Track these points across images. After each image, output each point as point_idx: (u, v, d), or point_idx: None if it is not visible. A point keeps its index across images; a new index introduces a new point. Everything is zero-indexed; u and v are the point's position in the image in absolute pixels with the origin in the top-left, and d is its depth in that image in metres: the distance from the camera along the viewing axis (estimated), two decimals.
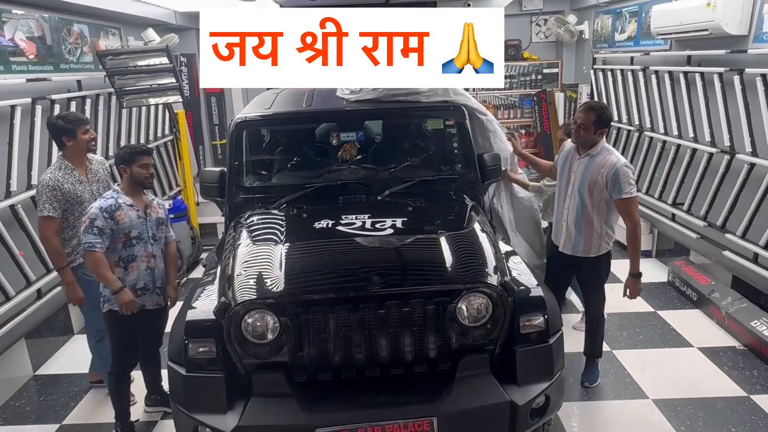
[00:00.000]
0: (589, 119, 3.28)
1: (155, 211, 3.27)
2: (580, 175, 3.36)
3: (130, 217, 3.11)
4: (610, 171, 3.24)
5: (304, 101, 4.08)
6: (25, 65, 4.37)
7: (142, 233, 3.16)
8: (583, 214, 3.38)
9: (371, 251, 2.86)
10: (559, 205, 3.54)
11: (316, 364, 2.59)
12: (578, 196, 3.37)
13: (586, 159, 3.35)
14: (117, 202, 3.09)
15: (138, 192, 3.20)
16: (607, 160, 3.28)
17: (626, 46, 6.37)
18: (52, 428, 3.55)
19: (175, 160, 6.96)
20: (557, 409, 2.74)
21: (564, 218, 3.48)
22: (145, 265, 3.19)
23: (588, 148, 3.35)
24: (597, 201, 3.33)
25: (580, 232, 3.40)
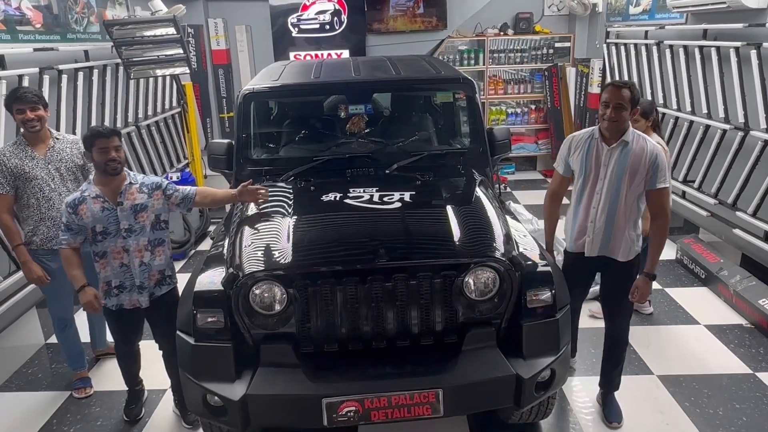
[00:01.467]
0: (626, 97, 2.80)
1: (131, 197, 2.90)
2: (616, 167, 2.89)
3: (92, 211, 2.85)
4: (651, 158, 2.83)
5: (312, 73, 4.04)
6: (32, 34, 4.35)
7: (108, 227, 2.87)
8: (617, 212, 2.94)
9: (379, 224, 2.86)
10: (581, 205, 3.05)
11: (323, 336, 2.61)
12: (613, 191, 2.92)
13: (620, 148, 2.89)
14: (82, 195, 2.87)
15: (108, 180, 2.88)
16: (645, 146, 2.86)
17: (641, 19, 6.24)
18: (64, 395, 3.62)
19: (183, 133, 6.95)
20: (562, 383, 2.75)
21: (591, 219, 3.00)
22: (119, 261, 2.92)
23: (619, 135, 2.88)
24: (633, 195, 2.92)
25: (611, 232, 2.97)
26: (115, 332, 3.16)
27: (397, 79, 3.92)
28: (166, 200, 3.00)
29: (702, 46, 4.99)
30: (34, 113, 3.19)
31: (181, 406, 3.26)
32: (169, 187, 3.02)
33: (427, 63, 4.32)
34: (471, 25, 8.18)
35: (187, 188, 3.08)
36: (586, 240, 3.04)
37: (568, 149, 3.09)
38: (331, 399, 2.42)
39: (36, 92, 3.27)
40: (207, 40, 8.08)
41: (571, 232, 3.13)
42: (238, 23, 8.00)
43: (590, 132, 3.02)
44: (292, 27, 8.06)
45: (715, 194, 4.85)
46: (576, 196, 3.09)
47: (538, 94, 8.38)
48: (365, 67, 4.22)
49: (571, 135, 3.14)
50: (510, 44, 8.24)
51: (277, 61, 6.03)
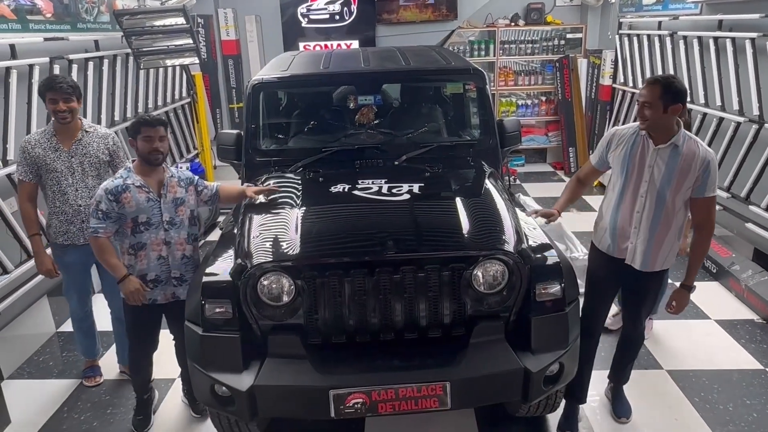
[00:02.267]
0: (653, 94, 2.57)
1: (173, 190, 2.90)
2: (663, 171, 2.66)
3: (137, 201, 2.79)
4: (702, 163, 2.60)
5: (322, 64, 4.02)
6: (43, 24, 4.36)
7: (151, 218, 2.84)
8: (661, 219, 2.72)
9: (387, 216, 2.84)
10: (622, 207, 2.81)
11: (330, 327, 2.61)
12: (658, 196, 2.69)
13: (669, 149, 2.64)
14: (124, 182, 2.80)
15: (150, 170, 2.86)
16: (697, 150, 2.63)
17: (654, 10, 6.15)
18: (75, 383, 3.65)
19: (193, 123, 6.96)
20: (571, 377, 2.73)
21: (635, 225, 2.78)
22: (157, 254, 2.88)
23: (666, 135, 2.64)
24: (679, 202, 2.70)
25: (653, 240, 2.76)
26: (136, 329, 3.05)
27: (407, 70, 3.89)
28: (197, 196, 3.01)
29: (717, 37, 4.92)
30: (67, 105, 3.10)
31: (190, 396, 3.27)
32: (200, 184, 3.03)
33: (437, 54, 4.29)
34: (482, 15, 8.11)
35: (212, 186, 3.09)
36: (629, 246, 2.82)
37: (609, 144, 2.87)
38: (338, 390, 2.42)
39: (71, 83, 3.18)
40: (217, 30, 8.07)
41: (610, 235, 2.88)
42: (248, 13, 7.98)
43: (635, 128, 2.77)
44: (302, 17, 8.03)
45: (727, 188, 4.79)
46: (616, 197, 2.84)
47: (549, 85, 8.30)
48: (375, 57, 4.19)
49: (615, 129, 2.91)
50: (521, 35, 8.16)
51: (287, 52, 6.01)
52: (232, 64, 8.21)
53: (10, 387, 3.60)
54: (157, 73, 6.25)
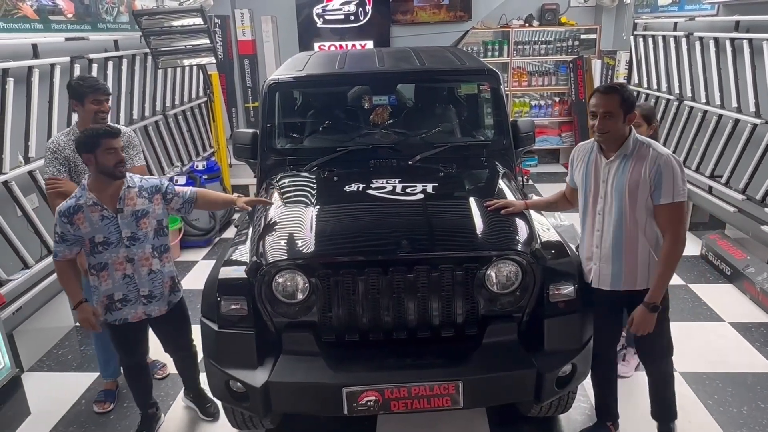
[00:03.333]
0: (613, 103, 2.44)
1: (131, 203, 2.69)
2: (614, 182, 2.52)
3: (90, 221, 2.62)
4: (652, 167, 2.44)
5: (337, 64, 4.05)
6: (64, 24, 4.44)
7: (109, 237, 2.65)
8: (623, 235, 2.54)
9: (401, 215, 2.86)
10: (587, 229, 2.70)
11: (344, 325, 2.63)
12: (615, 210, 2.54)
13: (617, 161, 2.52)
14: (77, 203, 2.63)
15: (106, 185, 2.66)
16: (648, 153, 2.46)
17: (670, 10, 6.12)
18: (92, 376, 3.72)
19: (209, 122, 7.03)
20: (583, 378, 2.74)
21: (596, 245, 2.64)
22: (121, 273, 2.71)
23: (617, 146, 2.52)
24: (642, 214, 2.50)
25: (621, 259, 2.57)
26: (120, 347, 2.97)
27: (422, 70, 3.91)
28: (166, 205, 2.83)
29: (733, 39, 4.88)
30: (108, 105, 3.09)
31: (197, 399, 3.27)
32: (169, 191, 2.84)
33: (451, 54, 4.30)
34: (496, 16, 8.10)
35: (186, 191, 2.91)
36: (592, 268, 2.68)
37: (572, 161, 2.79)
38: (351, 388, 2.44)
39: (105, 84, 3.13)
40: (233, 30, 8.13)
41: (582, 258, 2.78)
42: (264, 14, 8.04)
43: (592, 143, 2.67)
44: (317, 17, 8.07)
45: (743, 190, 4.75)
46: (581, 217, 2.75)
47: (563, 86, 8.27)
48: (389, 57, 4.22)
49: (578, 145, 2.81)
50: (535, 36, 8.14)
51: (302, 52, 6.06)
52: (248, 63, 8.28)
53: (30, 379, 3.68)
54: (174, 72, 6.32)
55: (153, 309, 2.84)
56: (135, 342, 2.96)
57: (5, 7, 3.84)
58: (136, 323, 2.85)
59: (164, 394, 3.50)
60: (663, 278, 2.51)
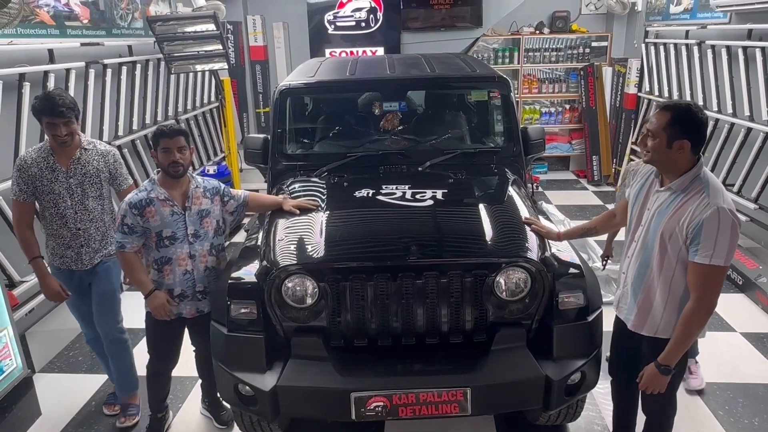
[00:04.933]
0: (659, 123, 2.10)
1: (198, 202, 2.81)
2: (656, 216, 2.22)
3: (161, 215, 2.71)
4: (692, 217, 2.07)
5: (348, 70, 4.08)
6: (79, 29, 4.50)
7: (176, 232, 2.76)
8: (646, 273, 2.28)
9: (411, 221, 2.87)
10: (624, 249, 2.47)
11: (353, 330, 2.64)
12: (648, 245, 2.26)
13: (667, 193, 2.19)
14: (148, 195, 2.71)
15: (174, 182, 2.75)
16: (698, 199, 2.08)
17: (682, 19, 6.11)
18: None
19: (220, 127, 7.08)
20: (592, 386, 2.72)
21: (623, 270, 2.45)
22: (183, 268, 2.81)
23: (672, 174, 2.16)
24: (671, 261, 2.18)
25: (637, 297, 2.35)
26: (160, 345, 2.99)
27: (432, 77, 3.92)
28: (222, 206, 2.93)
29: (746, 47, 4.86)
30: (67, 128, 2.81)
31: (212, 407, 3.27)
32: (226, 193, 2.94)
33: (461, 61, 4.31)
34: (506, 23, 8.11)
35: (240, 195, 2.99)
36: (618, 292, 2.51)
37: (633, 174, 2.55)
38: (359, 393, 2.44)
39: (69, 102, 2.81)
40: (245, 36, 8.20)
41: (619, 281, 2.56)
42: (276, 20, 8.10)
43: None
44: (329, 24, 8.12)
45: (755, 199, 4.72)
46: (626, 236, 2.49)
47: (573, 93, 8.26)
48: (400, 64, 4.23)
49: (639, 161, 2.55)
50: (545, 43, 8.14)
51: (313, 58, 6.09)
52: (259, 69, 8.34)
53: (42, 380, 3.71)
54: (187, 77, 6.38)
55: (206, 304, 2.91)
56: (175, 342, 3.01)
57: (23, 13, 3.91)
58: (180, 321, 2.91)
59: (173, 396, 3.51)
60: (680, 342, 2.18)
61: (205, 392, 3.28)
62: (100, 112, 4.64)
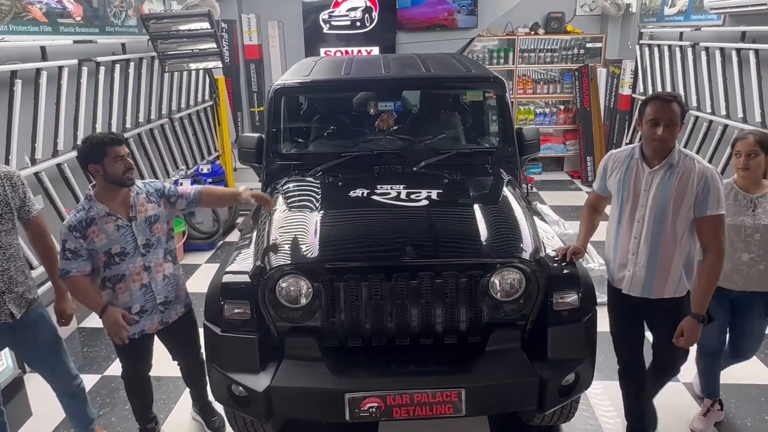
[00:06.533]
0: (675, 111, 2.44)
1: (143, 209, 2.64)
2: (659, 193, 2.52)
3: (106, 232, 2.53)
4: (700, 180, 2.46)
5: (343, 69, 4.07)
6: (72, 27, 4.47)
7: (126, 246, 2.58)
8: (661, 244, 2.55)
9: (405, 221, 2.86)
10: (620, 235, 2.69)
11: (347, 331, 2.63)
12: (657, 220, 2.54)
13: (663, 170, 2.52)
14: (87, 215, 2.51)
15: (116, 193, 2.58)
16: (694, 167, 2.48)
17: (676, 20, 6.13)
18: (95, 378, 3.72)
19: (214, 126, 7.05)
20: (586, 387, 2.72)
21: (632, 252, 2.63)
22: (138, 284, 2.64)
23: (664, 156, 2.51)
24: (682, 224, 2.52)
25: (655, 268, 2.58)
26: (129, 360, 2.86)
27: (427, 77, 3.92)
28: (171, 207, 2.79)
29: (740, 49, 4.89)
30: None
31: (203, 412, 3.22)
32: (172, 194, 2.78)
33: (457, 61, 4.31)
34: (501, 23, 8.12)
35: (190, 191, 2.83)
36: (626, 275, 2.68)
37: (605, 169, 2.77)
38: (353, 394, 2.44)
39: None
40: (240, 35, 8.17)
41: (612, 264, 2.79)
42: (271, 19, 8.08)
43: (630, 150, 2.67)
44: (324, 23, 8.11)
45: None
46: (615, 223, 2.73)
47: (568, 94, 8.27)
48: (395, 64, 4.23)
49: (610, 153, 2.80)
50: (540, 44, 8.16)
51: (308, 57, 6.08)
52: (254, 68, 8.31)
53: (33, 380, 3.66)
54: (180, 76, 6.35)
55: (170, 315, 2.81)
56: (145, 354, 2.89)
57: (15, 10, 3.87)
58: (148, 336, 2.80)
59: (165, 397, 3.49)
60: (708, 290, 2.53)
61: (195, 399, 3.24)
62: (93, 110, 4.60)
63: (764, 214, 2.69)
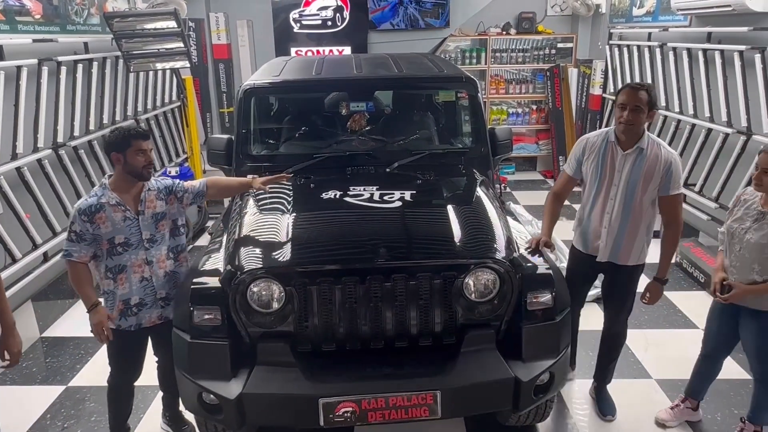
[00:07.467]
0: (641, 98, 2.74)
1: (151, 205, 2.69)
2: (630, 173, 2.85)
3: (113, 221, 2.59)
4: (665, 164, 2.80)
5: (314, 69, 4.01)
6: (32, 25, 4.32)
7: (130, 238, 2.63)
8: (630, 218, 2.90)
9: (379, 223, 2.84)
10: (594, 210, 2.99)
11: (320, 335, 2.58)
12: (628, 197, 2.88)
13: (635, 154, 2.84)
14: (99, 201, 2.58)
15: (131, 185, 2.66)
16: (660, 152, 2.82)
17: (644, 21, 6.22)
18: (58, 390, 3.59)
19: (182, 127, 6.90)
20: (561, 386, 2.75)
21: (605, 225, 2.96)
22: (139, 276, 2.68)
23: (634, 140, 2.83)
24: (647, 202, 2.88)
25: (623, 238, 2.94)
26: (121, 357, 2.82)
27: (399, 77, 3.89)
28: (179, 204, 2.80)
29: (706, 49, 4.97)
30: None
31: (173, 422, 3.14)
32: (179, 189, 2.80)
33: (429, 61, 4.29)
34: (474, 23, 8.15)
35: (196, 184, 2.86)
36: (600, 244, 3.00)
37: (583, 151, 3.01)
38: (328, 399, 2.40)
39: None
40: (208, 34, 8.03)
41: (583, 235, 3.08)
42: (240, 18, 7.96)
43: (604, 135, 2.94)
44: (294, 23, 8.02)
45: (716, 198, 4.83)
46: (589, 200, 3.01)
47: (540, 94, 8.35)
48: (367, 64, 4.19)
49: (585, 137, 3.06)
50: (512, 44, 8.21)
51: (278, 57, 6.00)
52: (223, 68, 8.17)
53: None
54: (147, 76, 6.20)
55: (169, 311, 2.76)
56: (137, 354, 2.85)
57: None
58: (144, 329, 2.77)
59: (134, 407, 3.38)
60: (670, 257, 2.98)
61: (167, 406, 3.15)
62: (54, 111, 4.45)
63: (758, 230, 2.66)
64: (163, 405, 3.17)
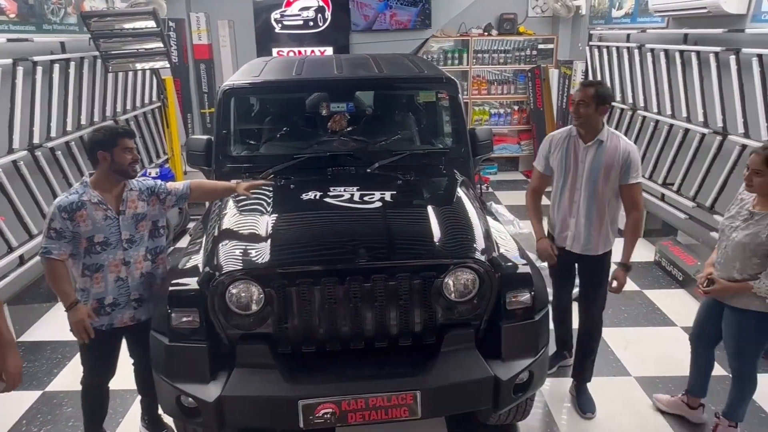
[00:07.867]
0: (587, 94, 2.95)
1: (133, 205, 2.68)
2: (593, 164, 3.03)
3: (93, 220, 2.57)
4: (623, 155, 2.97)
5: (294, 70, 4.00)
6: (6, 24, 4.25)
7: (109, 237, 2.61)
8: (595, 207, 3.07)
9: (359, 224, 2.83)
10: (563, 201, 3.17)
11: (300, 336, 2.57)
12: (591, 187, 3.05)
13: (595, 146, 3.03)
14: (80, 198, 2.56)
15: (113, 185, 2.64)
16: (618, 144, 3.01)
17: (623, 23, 6.29)
18: (35, 395, 3.53)
19: (163, 128, 6.84)
20: (540, 384, 2.75)
21: (572, 215, 3.14)
22: (115, 275, 2.65)
23: (593, 134, 3.02)
24: (610, 191, 3.05)
25: (591, 226, 3.10)
26: (94, 357, 2.77)
27: (380, 78, 3.90)
28: (161, 205, 2.79)
29: (682, 51, 5.04)
30: None
31: (152, 425, 3.10)
32: (162, 191, 2.79)
33: (410, 62, 4.30)
34: (455, 24, 8.18)
35: (180, 186, 2.85)
36: (568, 234, 3.18)
37: (549, 148, 3.22)
38: (307, 401, 2.39)
39: None
40: (188, 34, 7.97)
41: (555, 227, 3.25)
42: (221, 18, 7.91)
43: (567, 131, 3.15)
44: (276, 23, 7.99)
45: (693, 197, 4.90)
46: (558, 193, 3.20)
47: (521, 95, 8.40)
48: (348, 64, 4.19)
49: (551, 134, 3.27)
50: (494, 45, 8.26)
51: (259, 57, 5.97)
52: (204, 68, 8.12)
53: None
54: (126, 76, 6.13)
55: (143, 313, 2.75)
56: (110, 354, 2.81)
57: None
58: (118, 329, 2.74)
59: (112, 411, 3.34)
60: (633, 243, 3.13)
61: (145, 410, 3.11)
62: (30, 112, 4.39)
63: (744, 230, 2.68)
64: (142, 408, 3.13)
